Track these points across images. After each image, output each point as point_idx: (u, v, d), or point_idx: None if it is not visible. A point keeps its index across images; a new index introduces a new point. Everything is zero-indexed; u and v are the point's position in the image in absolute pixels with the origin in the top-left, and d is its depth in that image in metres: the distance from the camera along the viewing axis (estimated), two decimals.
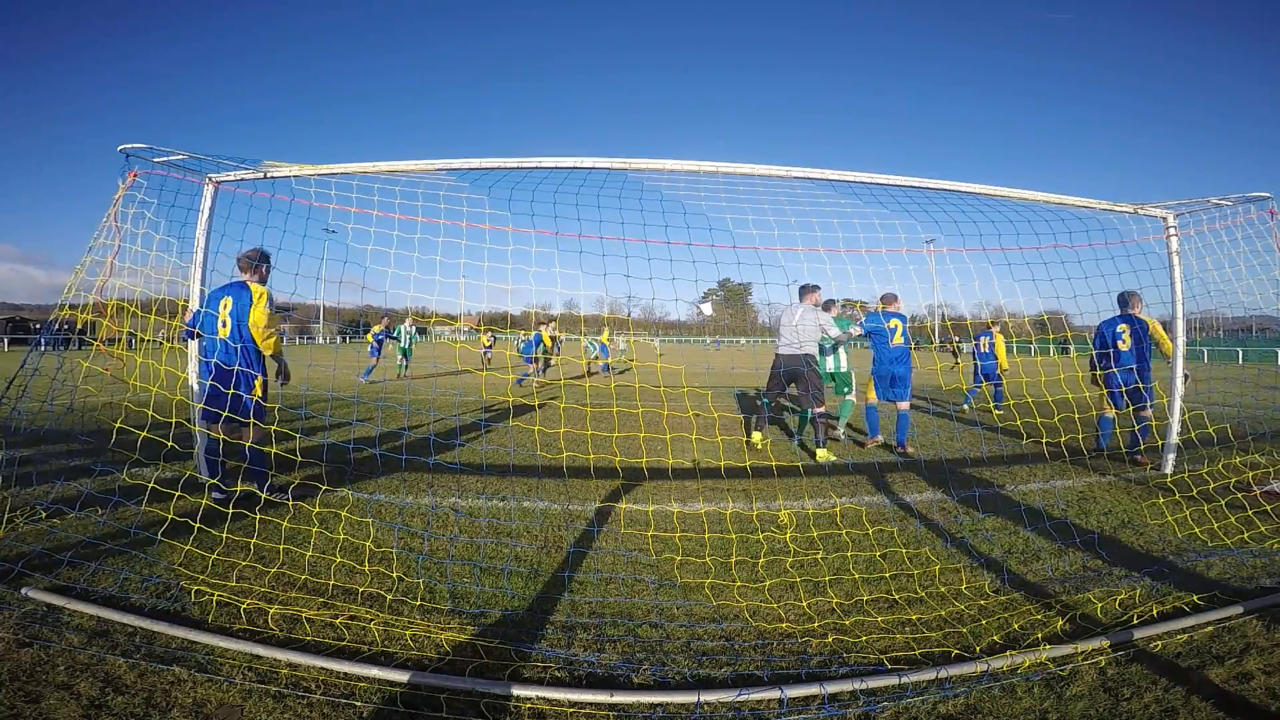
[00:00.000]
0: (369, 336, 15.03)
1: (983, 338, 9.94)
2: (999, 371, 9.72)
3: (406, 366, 15.68)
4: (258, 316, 4.13)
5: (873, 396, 6.89)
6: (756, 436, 6.64)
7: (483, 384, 12.93)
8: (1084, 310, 5.27)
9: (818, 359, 6.39)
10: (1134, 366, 5.83)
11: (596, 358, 18.44)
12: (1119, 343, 5.96)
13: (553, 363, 15.94)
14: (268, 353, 4.20)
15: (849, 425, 7.36)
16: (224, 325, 4.17)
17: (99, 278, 3.90)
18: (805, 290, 6.43)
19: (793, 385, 6.44)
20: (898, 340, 6.56)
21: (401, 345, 15.81)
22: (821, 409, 6.26)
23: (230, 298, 4.21)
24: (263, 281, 4.34)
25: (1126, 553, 3.55)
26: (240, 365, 4.09)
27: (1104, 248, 5.20)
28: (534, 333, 14.74)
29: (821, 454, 6.14)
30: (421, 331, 19.97)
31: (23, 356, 3.93)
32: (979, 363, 10.03)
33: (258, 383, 4.19)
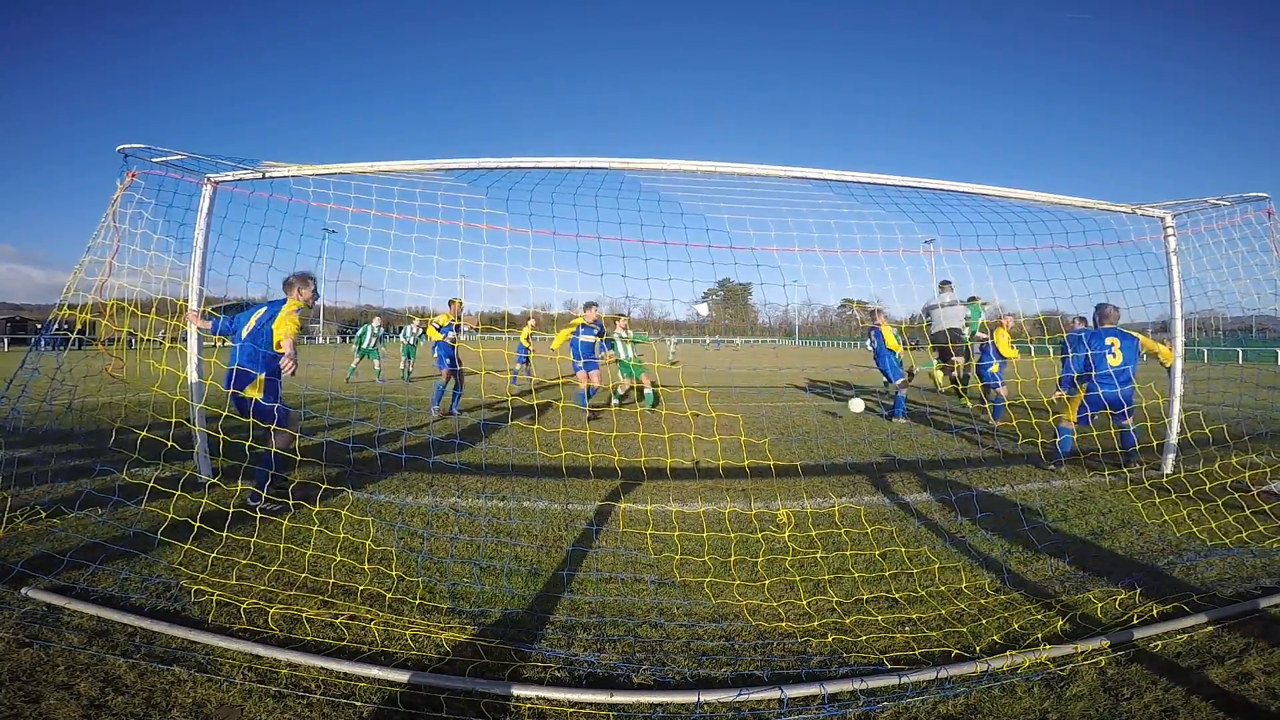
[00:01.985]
0: (524, 340, 11.59)
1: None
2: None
3: (378, 371, 13.74)
4: (280, 321, 4.13)
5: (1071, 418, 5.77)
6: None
7: (482, 383, 12.91)
8: (1083, 310, 5.28)
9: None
10: (1113, 374, 5.45)
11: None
12: (1109, 355, 5.53)
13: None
14: (279, 349, 4.09)
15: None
16: (247, 328, 4.17)
17: (97, 277, 3.90)
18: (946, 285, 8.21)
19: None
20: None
21: (364, 347, 13.91)
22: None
23: (266, 309, 4.28)
24: (305, 302, 4.35)
25: (1127, 552, 3.55)
26: (241, 363, 4.04)
27: (1102, 248, 5.21)
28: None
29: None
30: (393, 332, 16.17)
31: (22, 356, 3.93)
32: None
33: (258, 380, 4.09)
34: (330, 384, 12.07)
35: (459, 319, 8.74)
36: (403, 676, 2.17)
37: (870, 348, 9.47)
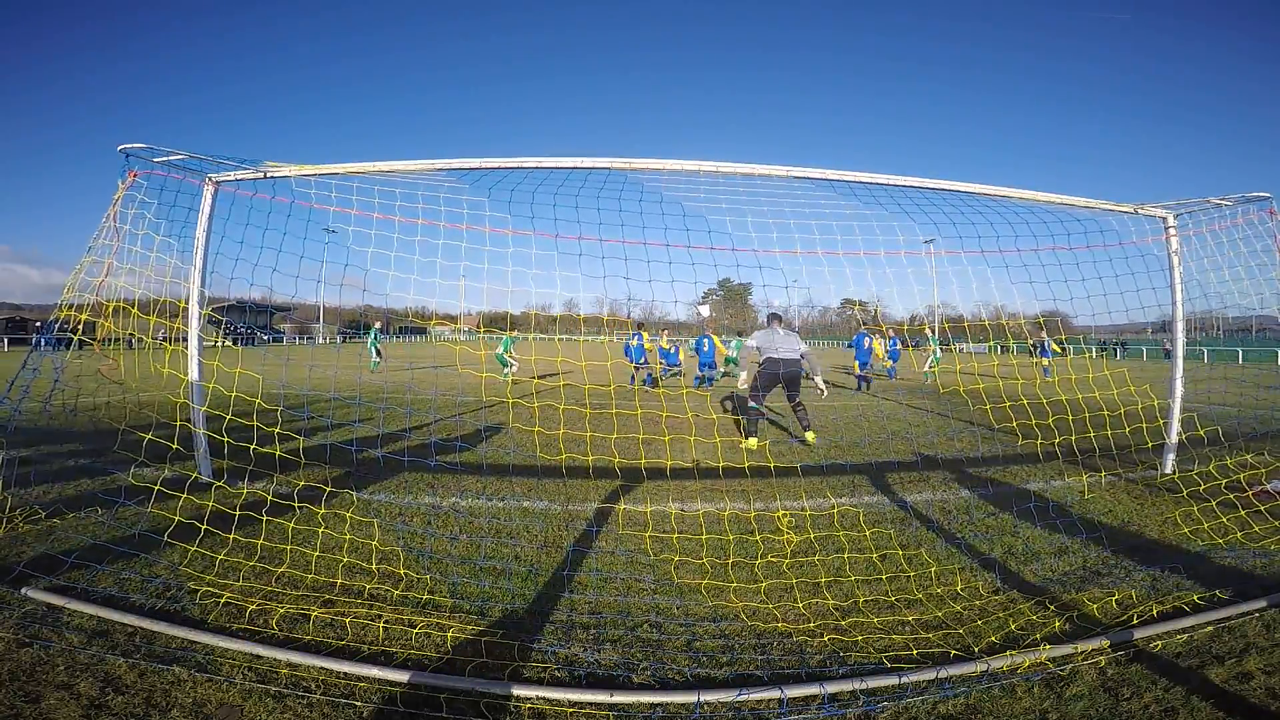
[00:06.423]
0: (665, 344, 13.49)
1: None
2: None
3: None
4: (721, 349, 8.48)
5: None
6: (753, 442, 6.68)
7: (481, 384, 12.92)
8: (1081, 311, 5.28)
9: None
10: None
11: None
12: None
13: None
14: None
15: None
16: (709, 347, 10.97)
17: (98, 278, 3.90)
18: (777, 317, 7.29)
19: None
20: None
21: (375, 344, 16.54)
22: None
23: (707, 341, 11.19)
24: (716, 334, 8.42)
25: (1126, 553, 3.54)
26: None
27: (1103, 248, 5.20)
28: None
29: (810, 436, 6.96)
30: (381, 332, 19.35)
31: (24, 356, 3.93)
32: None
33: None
34: (332, 385, 12.06)
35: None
36: (403, 676, 2.17)
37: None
